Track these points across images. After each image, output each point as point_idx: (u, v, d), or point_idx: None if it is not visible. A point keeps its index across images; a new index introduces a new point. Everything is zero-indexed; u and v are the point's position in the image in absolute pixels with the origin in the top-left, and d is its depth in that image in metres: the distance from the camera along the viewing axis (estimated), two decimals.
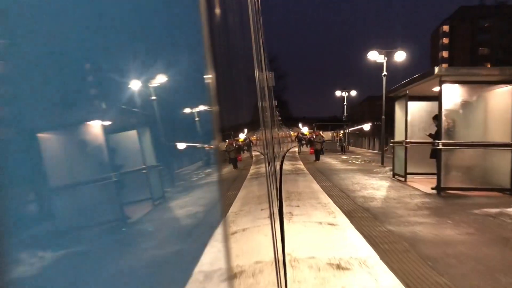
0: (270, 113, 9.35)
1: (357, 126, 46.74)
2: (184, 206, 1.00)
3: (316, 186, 10.88)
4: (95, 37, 0.56)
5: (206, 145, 1.11)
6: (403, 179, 11.95)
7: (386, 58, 19.08)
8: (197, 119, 1.00)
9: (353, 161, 22.01)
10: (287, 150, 35.95)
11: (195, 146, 1.08)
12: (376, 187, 10.69)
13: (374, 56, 19.35)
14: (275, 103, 21.45)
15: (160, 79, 0.84)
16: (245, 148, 4.51)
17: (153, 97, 0.83)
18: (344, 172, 15.09)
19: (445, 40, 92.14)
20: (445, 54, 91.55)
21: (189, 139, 1.03)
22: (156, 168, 0.85)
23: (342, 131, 43.41)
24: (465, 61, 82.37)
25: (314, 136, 23.01)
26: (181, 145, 0.96)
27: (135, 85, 0.74)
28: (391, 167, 16.04)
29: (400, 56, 18.84)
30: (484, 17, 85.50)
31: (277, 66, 70.73)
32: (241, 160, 4.06)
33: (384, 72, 18.94)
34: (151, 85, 0.80)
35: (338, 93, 34.30)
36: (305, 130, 63.61)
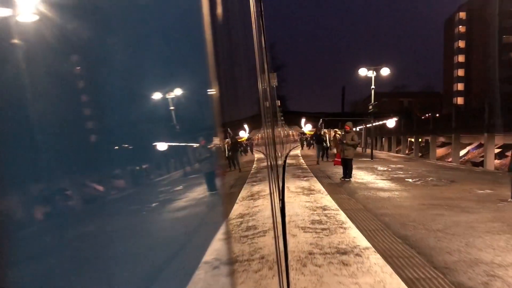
0: (273, 114, 8.77)
1: (378, 121, 35.37)
2: (183, 208, 0.95)
3: None
4: (94, 35, 0.58)
5: (208, 144, 1.11)
6: None
7: None
8: (198, 117, 1.03)
9: (414, 181, 11.48)
10: (287, 155, 25.23)
11: (196, 145, 1.09)
12: None
13: None
14: (278, 103, 19.91)
15: (162, 78, 0.86)
16: (230, 154, 2.57)
17: (154, 96, 0.84)
18: (492, 253, 4.53)
19: (462, 29, 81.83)
20: (461, 44, 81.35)
21: (190, 137, 1.03)
22: (154, 167, 0.85)
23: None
24: (486, 52, 71.65)
25: (344, 134, 12.36)
26: (181, 144, 0.95)
27: (136, 84, 0.75)
28: None
29: None
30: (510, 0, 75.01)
31: (274, 55, 59.97)
32: (224, 175, 1.66)
33: None
34: (152, 84, 0.82)
35: (363, 72, 22.66)
36: (307, 128, 53.66)
